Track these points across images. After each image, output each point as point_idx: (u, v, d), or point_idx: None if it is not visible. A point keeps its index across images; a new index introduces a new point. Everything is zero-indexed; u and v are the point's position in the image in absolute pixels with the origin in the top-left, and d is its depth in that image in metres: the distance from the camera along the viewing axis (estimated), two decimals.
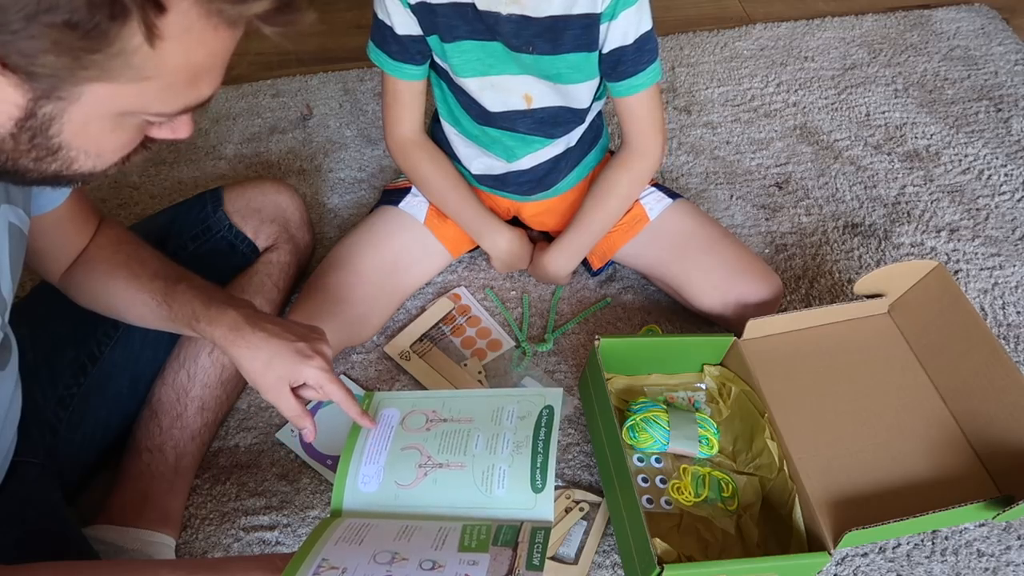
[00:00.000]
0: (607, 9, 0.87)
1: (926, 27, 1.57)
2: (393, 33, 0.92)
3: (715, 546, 0.88)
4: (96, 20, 0.42)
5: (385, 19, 0.92)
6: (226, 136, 1.40)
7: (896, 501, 0.88)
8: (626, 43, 0.90)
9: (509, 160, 1.02)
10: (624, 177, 1.02)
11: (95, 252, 0.81)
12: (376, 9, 0.93)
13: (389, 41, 0.93)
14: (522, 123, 0.98)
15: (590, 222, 1.05)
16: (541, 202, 1.10)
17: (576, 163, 1.07)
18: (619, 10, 0.88)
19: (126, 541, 0.86)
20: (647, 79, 0.94)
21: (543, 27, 0.88)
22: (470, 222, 1.08)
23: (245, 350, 0.75)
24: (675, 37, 1.56)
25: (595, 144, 1.08)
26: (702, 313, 1.05)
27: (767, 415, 0.91)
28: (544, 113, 0.97)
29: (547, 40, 0.89)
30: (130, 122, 0.52)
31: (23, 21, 0.41)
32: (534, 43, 0.89)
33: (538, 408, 0.81)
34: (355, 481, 0.77)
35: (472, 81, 0.94)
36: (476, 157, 1.05)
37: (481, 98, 0.96)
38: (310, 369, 0.75)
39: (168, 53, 0.46)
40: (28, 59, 0.43)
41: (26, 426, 0.78)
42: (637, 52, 0.91)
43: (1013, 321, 1.12)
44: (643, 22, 0.91)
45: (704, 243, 1.04)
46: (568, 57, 0.91)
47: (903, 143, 1.35)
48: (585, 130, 1.04)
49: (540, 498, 0.73)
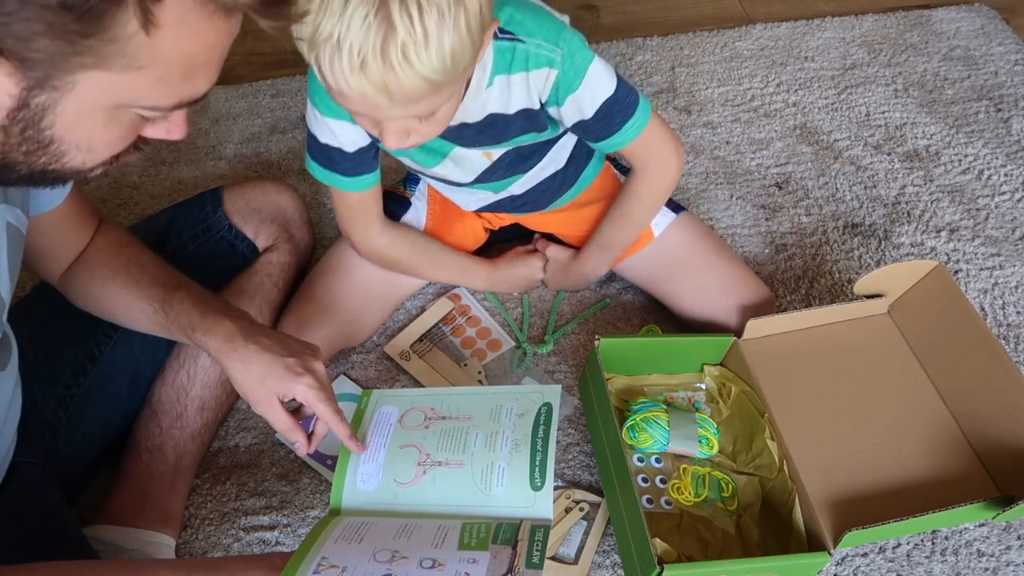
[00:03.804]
0: (549, 99, 0.82)
1: (926, 27, 1.57)
2: (343, 153, 0.87)
3: (715, 546, 0.88)
4: (91, 3, 0.42)
5: (330, 142, 0.86)
6: (226, 136, 1.40)
7: (896, 501, 0.88)
8: (585, 118, 0.84)
9: (498, 192, 1.00)
10: (642, 205, 0.97)
11: (95, 254, 0.81)
12: (315, 133, 0.87)
13: (339, 161, 0.88)
14: (494, 174, 0.95)
15: (612, 243, 1.03)
16: (541, 214, 1.09)
17: (573, 180, 1.03)
18: (563, 96, 0.81)
19: (126, 541, 0.86)
20: (631, 132, 0.86)
21: (484, 126, 0.84)
22: (467, 283, 1.13)
23: (238, 362, 0.75)
24: (675, 37, 1.56)
25: (590, 158, 1.04)
26: (691, 321, 1.05)
27: (767, 415, 0.91)
28: (510, 156, 0.92)
29: (490, 135, 0.86)
30: (124, 116, 0.52)
31: (18, 2, 0.41)
32: (478, 140, 0.87)
33: (536, 405, 0.81)
34: (354, 479, 0.77)
35: (436, 168, 0.93)
36: (465, 198, 1.03)
37: (448, 175, 0.95)
38: (299, 386, 0.74)
39: (163, 42, 0.46)
40: (22, 43, 0.43)
41: (26, 426, 0.78)
42: (604, 119, 0.84)
43: (1013, 321, 1.12)
44: (598, 94, 0.82)
45: (698, 262, 1.03)
46: (518, 138, 0.88)
47: (903, 143, 1.35)
48: (575, 146, 0.99)
49: (539, 496, 0.73)
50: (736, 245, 1.21)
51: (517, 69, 0.79)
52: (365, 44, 0.61)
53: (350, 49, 0.61)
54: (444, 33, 0.62)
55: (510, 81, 0.80)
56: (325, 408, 0.76)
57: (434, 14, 0.61)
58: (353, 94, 0.65)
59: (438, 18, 0.62)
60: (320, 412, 0.76)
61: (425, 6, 0.61)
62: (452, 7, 0.62)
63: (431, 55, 0.63)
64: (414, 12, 0.61)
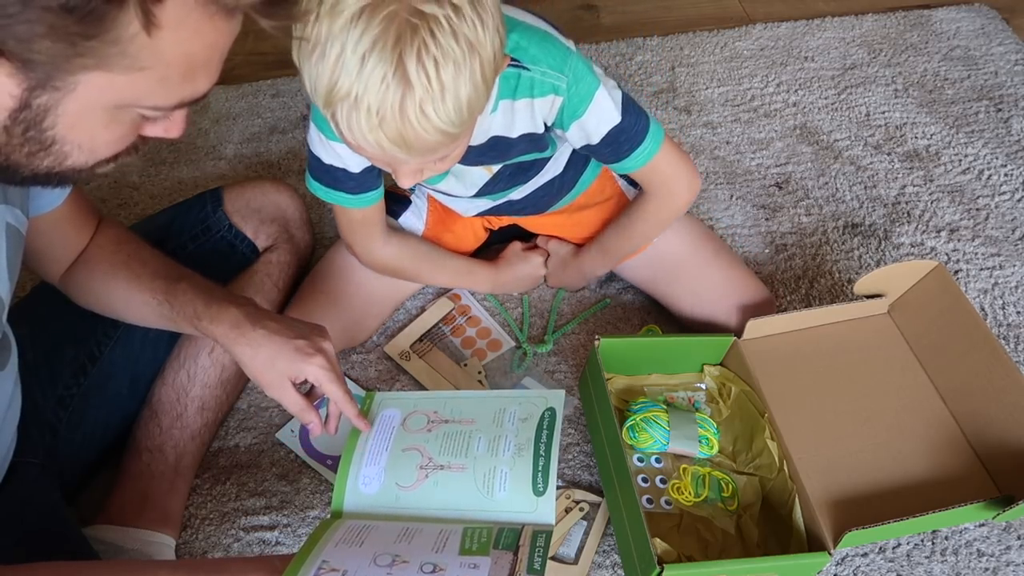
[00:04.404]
0: (554, 123, 0.82)
1: (926, 27, 1.57)
2: (347, 173, 0.87)
3: (715, 546, 0.88)
4: (93, 4, 0.42)
5: (334, 163, 0.86)
6: (226, 136, 1.40)
7: (896, 501, 0.88)
8: (591, 143, 0.84)
9: (496, 200, 1.01)
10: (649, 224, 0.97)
11: (95, 252, 0.81)
12: (318, 154, 0.86)
13: (343, 181, 0.88)
14: (495, 187, 0.96)
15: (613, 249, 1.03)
16: (539, 216, 1.09)
17: (571, 185, 1.03)
18: (568, 122, 0.82)
19: (126, 541, 0.86)
20: (641, 158, 0.86)
21: (486, 147, 0.85)
22: (470, 286, 1.13)
23: (247, 347, 0.75)
24: (675, 37, 1.56)
25: (588, 162, 1.03)
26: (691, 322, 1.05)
27: (767, 415, 0.91)
28: (509, 170, 0.93)
29: (493, 156, 0.86)
30: (125, 116, 0.52)
31: (19, 4, 0.41)
32: (481, 160, 0.87)
33: (540, 410, 0.80)
34: (356, 482, 0.77)
35: (439, 184, 0.94)
36: (464, 206, 1.04)
37: (450, 189, 0.96)
38: (310, 367, 0.75)
39: (165, 42, 0.46)
40: (24, 45, 0.43)
41: (26, 426, 0.78)
42: (612, 145, 0.84)
43: (1013, 321, 1.12)
44: (603, 122, 0.82)
45: (698, 263, 1.03)
46: (520, 158, 0.88)
47: (903, 143, 1.35)
48: (573, 152, 0.99)
49: (541, 501, 0.73)
50: (736, 245, 1.21)
51: (522, 95, 0.79)
52: (384, 103, 0.61)
53: (368, 108, 0.62)
54: (460, 85, 0.62)
55: (514, 106, 0.80)
56: (335, 388, 0.76)
57: (450, 68, 0.61)
58: (370, 147, 0.65)
59: (454, 71, 0.62)
60: (330, 392, 0.77)
61: (441, 61, 0.61)
62: (467, 57, 0.62)
63: (448, 108, 0.63)
64: (431, 68, 0.61)
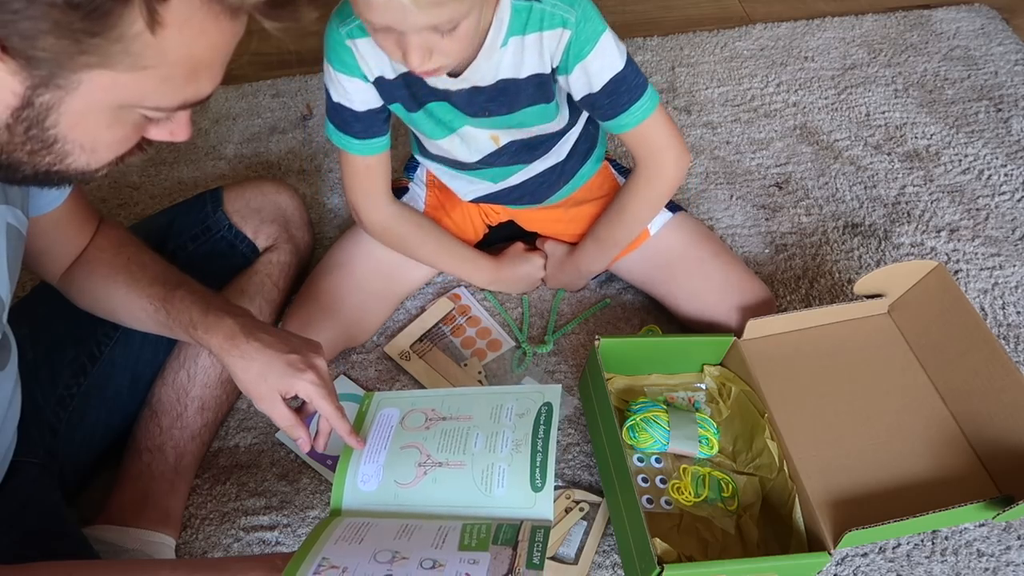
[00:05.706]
0: (560, 65, 0.84)
1: (926, 27, 1.57)
2: (353, 113, 0.89)
3: (715, 546, 0.88)
4: (98, 1, 0.42)
5: (342, 100, 0.88)
6: (226, 136, 1.40)
7: (896, 501, 0.88)
8: (592, 91, 0.85)
9: (496, 182, 1.01)
10: (639, 203, 0.97)
11: (95, 254, 0.81)
12: (330, 92, 0.89)
13: (351, 122, 0.90)
14: (498, 159, 0.96)
15: (607, 238, 1.03)
16: (536, 210, 1.09)
17: (571, 175, 1.04)
18: (572, 64, 0.83)
19: (126, 541, 0.86)
20: (637, 116, 0.87)
21: (495, 91, 0.85)
22: (470, 275, 1.11)
23: (239, 359, 0.75)
24: (675, 37, 1.56)
25: (589, 154, 1.05)
26: (690, 322, 1.05)
27: (767, 415, 0.91)
28: (516, 145, 0.95)
29: (501, 103, 0.87)
30: (128, 117, 0.52)
31: (24, 1, 0.41)
32: (488, 108, 0.87)
33: (537, 405, 0.81)
34: (355, 480, 0.77)
35: (442, 142, 0.94)
36: (463, 186, 1.04)
37: (453, 152, 0.96)
38: (301, 382, 0.74)
39: (169, 41, 0.46)
40: (28, 41, 0.43)
41: (26, 426, 0.78)
42: (611, 96, 0.85)
43: (1013, 321, 1.12)
44: (606, 67, 0.84)
45: (697, 263, 1.03)
46: (526, 111, 0.89)
47: (903, 143, 1.35)
48: (577, 141, 1.01)
49: (540, 497, 0.73)
50: (736, 245, 1.21)
51: (532, 30, 0.81)
52: None
53: None
54: None
55: (524, 43, 0.82)
56: (327, 404, 0.75)
57: None
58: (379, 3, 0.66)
59: None
60: (321, 408, 0.76)
61: None
62: None
63: None
64: None
